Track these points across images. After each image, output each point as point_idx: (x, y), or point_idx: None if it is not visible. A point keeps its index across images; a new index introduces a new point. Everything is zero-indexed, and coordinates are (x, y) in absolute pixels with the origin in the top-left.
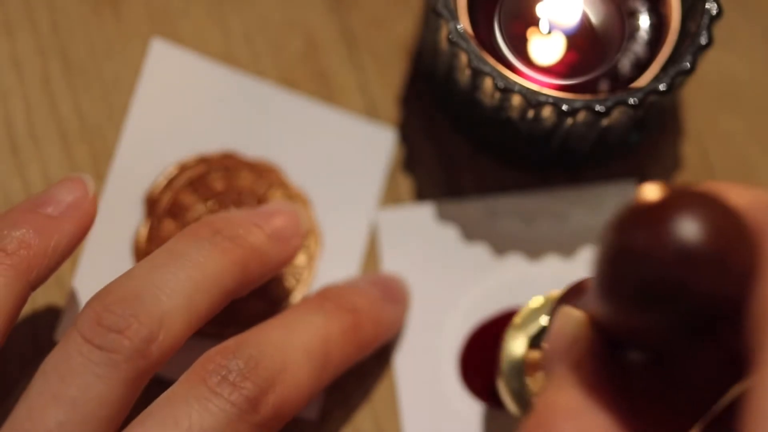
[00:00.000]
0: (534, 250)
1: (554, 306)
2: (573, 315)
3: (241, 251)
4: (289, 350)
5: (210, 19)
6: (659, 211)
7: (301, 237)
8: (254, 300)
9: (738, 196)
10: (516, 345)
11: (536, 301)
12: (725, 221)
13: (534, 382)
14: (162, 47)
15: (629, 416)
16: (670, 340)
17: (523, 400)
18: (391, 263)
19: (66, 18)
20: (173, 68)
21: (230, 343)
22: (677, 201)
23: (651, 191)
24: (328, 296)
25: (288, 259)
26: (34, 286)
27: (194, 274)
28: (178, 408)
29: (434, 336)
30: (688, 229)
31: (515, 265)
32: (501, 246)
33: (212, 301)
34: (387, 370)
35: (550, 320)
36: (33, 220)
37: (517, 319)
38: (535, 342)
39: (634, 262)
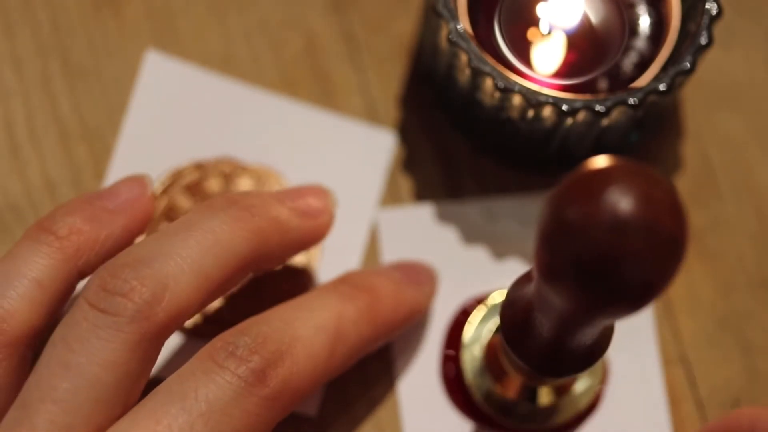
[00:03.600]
0: (532, 252)
1: (505, 298)
2: None
3: (258, 219)
4: (299, 326)
5: (210, 19)
6: (591, 185)
7: (331, 215)
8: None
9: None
10: (475, 345)
11: (496, 297)
12: (656, 192)
13: (502, 389)
14: (156, 58)
15: None
16: (608, 311)
17: (493, 399)
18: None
19: (66, 18)
20: (168, 79)
21: (240, 324)
22: (609, 173)
23: (585, 166)
24: (345, 279)
25: (317, 235)
26: (83, 272)
27: (203, 239)
28: (186, 382)
29: (433, 336)
30: (620, 200)
31: (514, 266)
32: (500, 247)
33: (223, 266)
34: (387, 369)
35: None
36: (87, 210)
37: (475, 316)
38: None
39: (568, 234)
